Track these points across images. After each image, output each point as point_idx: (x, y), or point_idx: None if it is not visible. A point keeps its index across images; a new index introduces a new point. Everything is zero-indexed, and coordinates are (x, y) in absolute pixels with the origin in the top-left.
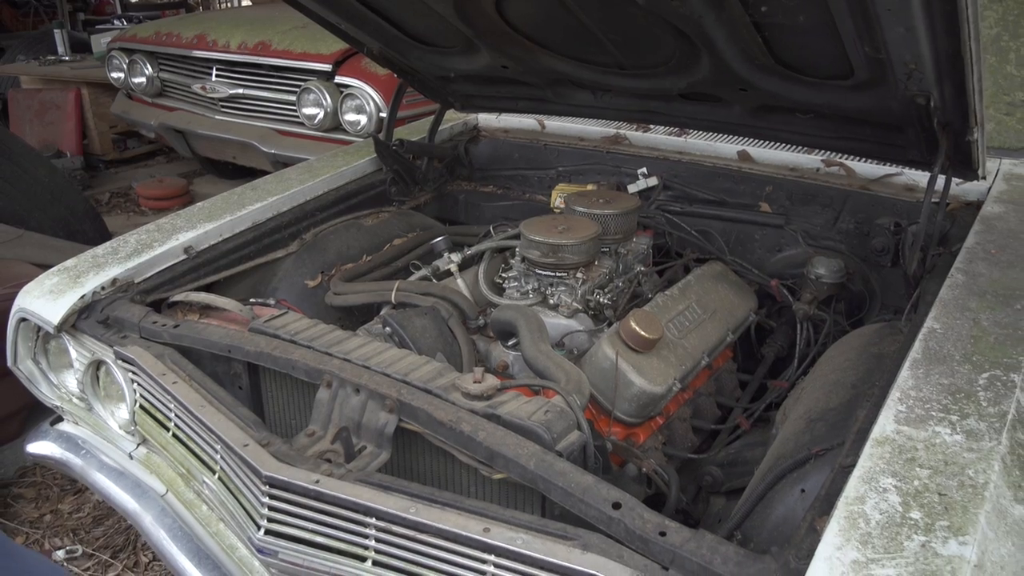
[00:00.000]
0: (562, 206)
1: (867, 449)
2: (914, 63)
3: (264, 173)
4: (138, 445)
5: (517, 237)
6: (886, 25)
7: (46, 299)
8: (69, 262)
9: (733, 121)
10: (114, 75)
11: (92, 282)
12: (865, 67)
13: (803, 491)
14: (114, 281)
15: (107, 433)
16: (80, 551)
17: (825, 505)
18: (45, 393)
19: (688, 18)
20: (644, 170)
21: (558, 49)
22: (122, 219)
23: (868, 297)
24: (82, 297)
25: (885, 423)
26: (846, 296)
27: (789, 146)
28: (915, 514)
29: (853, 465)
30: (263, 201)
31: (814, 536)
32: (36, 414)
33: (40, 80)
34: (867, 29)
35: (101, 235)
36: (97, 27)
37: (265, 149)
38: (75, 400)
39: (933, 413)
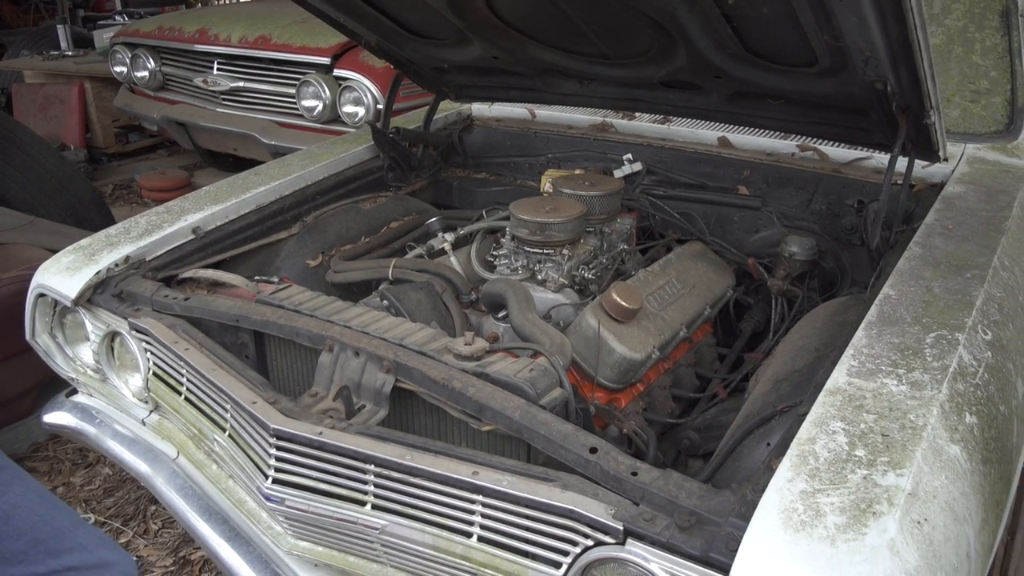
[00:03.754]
0: (551, 190)
1: (820, 398)
2: (869, 50)
3: None
4: (150, 412)
5: (507, 219)
6: (839, 15)
7: (63, 275)
8: (83, 241)
9: (711, 108)
10: (117, 69)
11: (106, 259)
12: (827, 55)
13: (768, 445)
14: (127, 259)
15: (121, 402)
16: (92, 519)
17: (781, 448)
18: (61, 366)
19: (662, 10)
20: (629, 156)
21: (545, 40)
22: (126, 210)
23: (839, 274)
24: (97, 273)
25: (838, 376)
26: (819, 273)
27: (765, 132)
28: (859, 452)
29: (807, 413)
30: (266, 185)
31: (769, 473)
32: (48, 392)
33: (44, 75)
34: (824, 19)
35: (107, 223)
36: (98, 23)
37: (266, 141)
38: (89, 372)
39: (883, 367)
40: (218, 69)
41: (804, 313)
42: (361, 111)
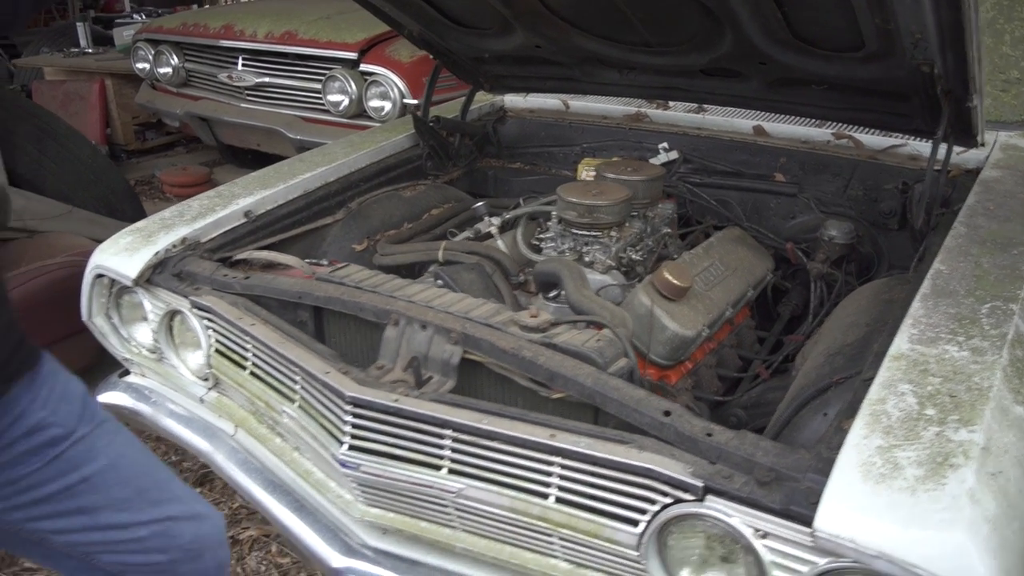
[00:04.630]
0: (592, 177)
1: (885, 363)
2: (920, 33)
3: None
4: (209, 389)
5: (550, 204)
6: None
7: (122, 256)
8: (139, 224)
9: (751, 95)
10: (139, 65)
11: (164, 240)
12: (875, 38)
13: (825, 415)
14: (183, 240)
15: (177, 381)
16: None
17: (850, 411)
18: (115, 347)
19: None
20: (665, 144)
21: (589, 28)
22: (149, 205)
23: (876, 258)
24: (156, 254)
25: (900, 343)
26: (856, 258)
27: (802, 120)
28: (929, 411)
29: (873, 377)
30: (312, 171)
31: (841, 433)
32: (96, 374)
33: (64, 72)
34: (878, 2)
35: (138, 215)
36: (117, 21)
37: (291, 135)
38: (144, 352)
39: (942, 335)
40: (243, 64)
41: (843, 295)
42: (387, 105)
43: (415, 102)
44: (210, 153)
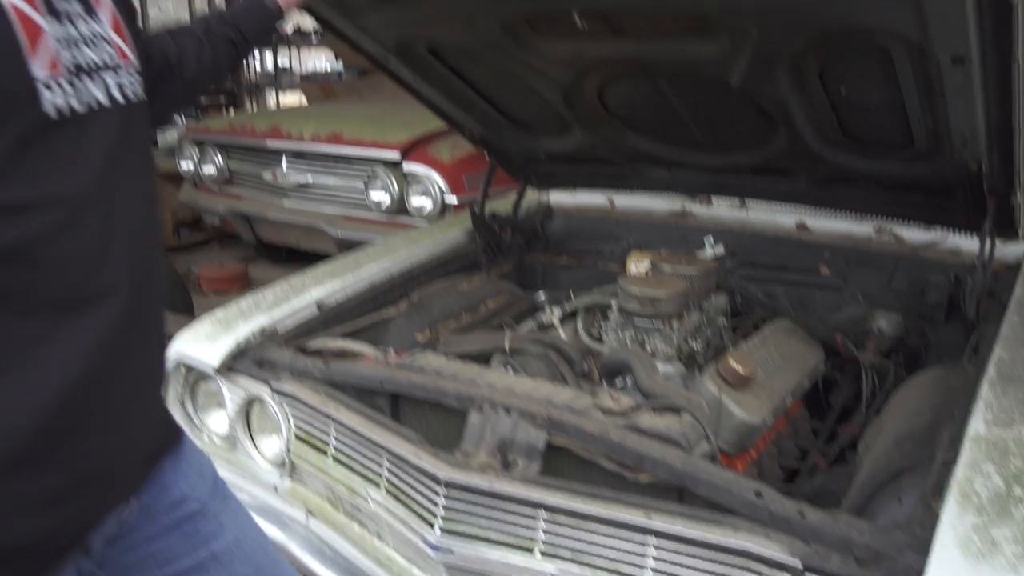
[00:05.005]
0: (636, 271)
1: (966, 445)
2: (969, 132)
3: (325, 257)
4: (284, 477)
5: (609, 295)
6: (950, 101)
7: (203, 344)
8: (217, 313)
9: (797, 192)
10: (184, 165)
11: (243, 329)
12: (925, 138)
13: (900, 501)
14: (262, 329)
15: (250, 469)
16: None
17: (936, 491)
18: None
19: (774, 99)
20: (710, 237)
21: (645, 129)
22: None
23: (924, 350)
24: (237, 343)
25: (977, 426)
26: (904, 349)
27: (844, 215)
28: (1018, 491)
29: (954, 460)
30: (377, 264)
31: (931, 513)
32: None
33: None
34: (931, 105)
35: (188, 306)
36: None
37: (332, 233)
38: (216, 440)
39: (1016, 418)
40: (287, 164)
41: (895, 386)
42: (428, 203)
43: (455, 199)
44: (245, 250)
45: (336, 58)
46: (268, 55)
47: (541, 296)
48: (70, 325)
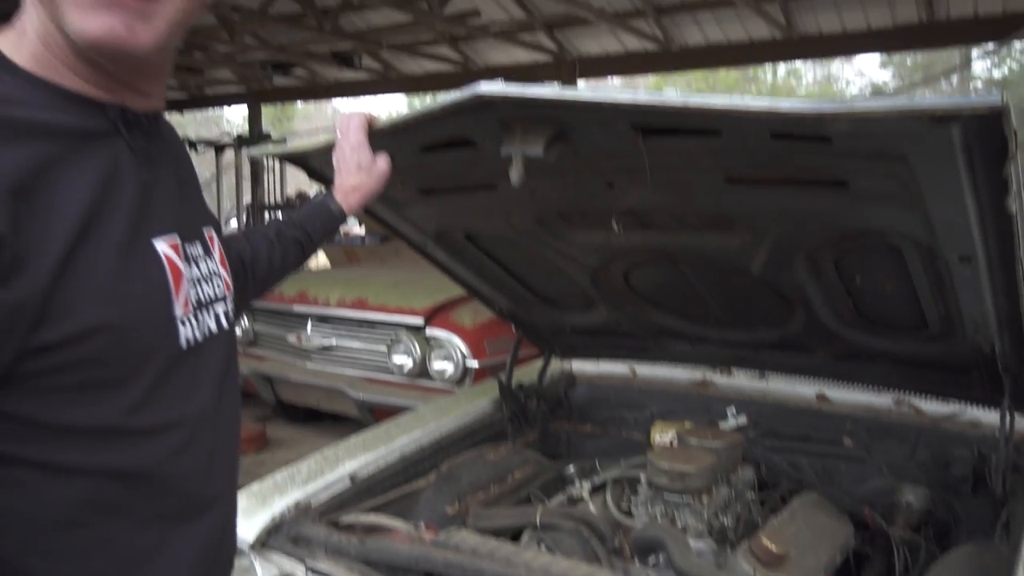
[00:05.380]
0: (661, 443)
1: None
2: (981, 318)
3: (346, 419)
4: None
5: (636, 467)
6: (960, 292)
7: (239, 519)
8: (253, 487)
9: (816, 366)
10: None
11: (279, 504)
12: (938, 322)
13: None
14: (296, 504)
15: None
16: None
17: None
18: None
19: (791, 284)
20: (733, 409)
21: (668, 307)
22: None
23: (954, 523)
24: (272, 518)
25: None
26: (933, 523)
27: (864, 388)
28: None
29: None
30: (407, 435)
31: None
32: None
33: None
34: (942, 295)
35: None
36: None
37: (353, 395)
38: None
39: None
40: (312, 328)
41: (927, 561)
42: (450, 367)
43: (477, 364)
44: (262, 409)
45: (359, 224)
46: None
47: (570, 468)
48: (181, 535)
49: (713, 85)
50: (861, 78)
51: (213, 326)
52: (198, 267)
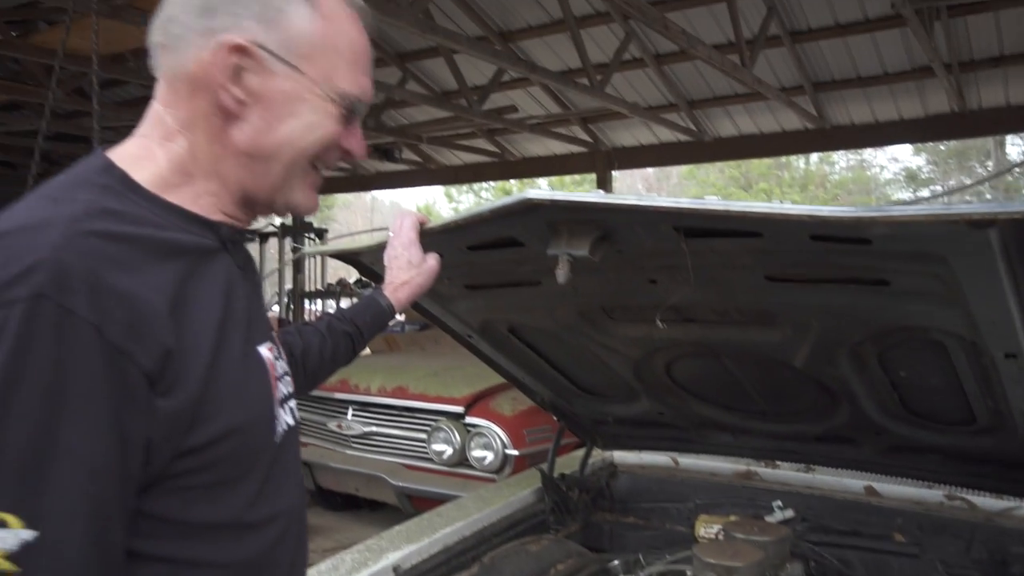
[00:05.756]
0: (706, 536)
1: None
2: None
3: (384, 507)
4: None
5: (682, 562)
6: (1008, 388)
7: None
8: None
9: (863, 460)
10: None
11: None
12: (987, 416)
13: None
14: None
15: None
16: None
17: None
18: None
19: (836, 378)
20: (779, 502)
21: (710, 398)
22: None
23: None
24: None
25: None
26: None
27: (914, 481)
28: None
29: None
30: (451, 526)
31: None
32: None
33: None
34: (990, 390)
35: None
36: None
37: (393, 482)
38: None
39: None
40: (353, 415)
41: None
42: (489, 455)
43: (516, 452)
44: None
45: (400, 312)
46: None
47: (615, 562)
48: None
49: (746, 172)
50: (895, 163)
51: (291, 420)
52: (279, 367)
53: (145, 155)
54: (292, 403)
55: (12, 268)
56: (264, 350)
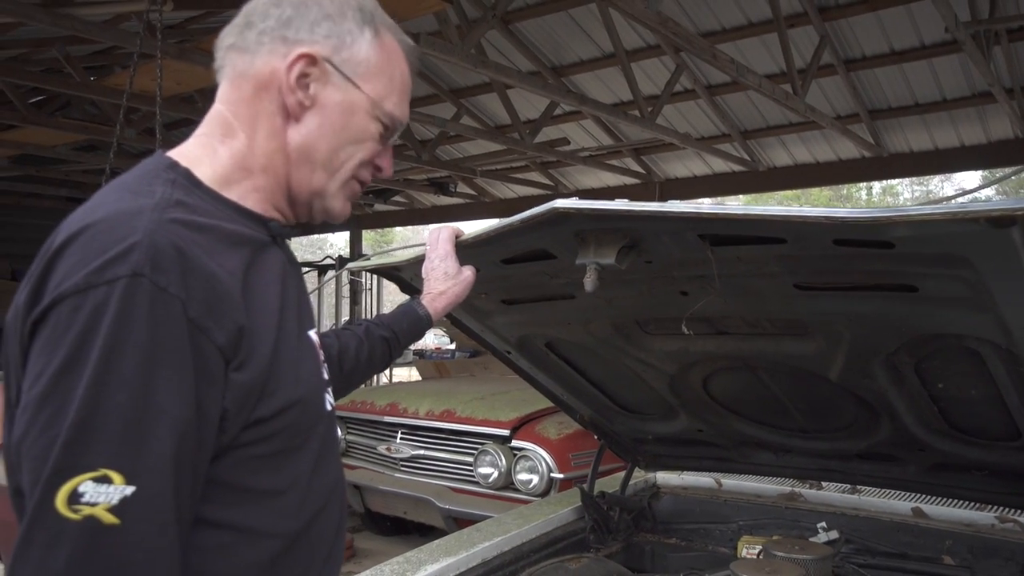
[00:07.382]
0: (748, 556)
1: None
2: None
3: (434, 530)
4: None
5: None
6: None
7: None
8: None
9: (908, 478)
10: None
11: None
12: None
13: None
14: None
15: None
16: None
17: None
18: None
19: (873, 391)
20: (823, 524)
21: (749, 415)
22: None
23: None
24: None
25: None
26: None
27: (962, 503)
28: None
29: None
30: (489, 541)
31: None
32: None
33: None
34: None
35: None
36: None
37: (440, 505)
38: None
39: None
40: (402, 438)
41: None
42: (535, 479)
43: (562, 476)
44: (351, 519)
45: (450, 340)
46: None
47: None
48: None
49: (805, 203)
50: (963, 194)
51: (332, 402)
52: (321, 353)
53: (206, 153)
54: (331, 388)
55: (113, 250)
56: (313, 335)
